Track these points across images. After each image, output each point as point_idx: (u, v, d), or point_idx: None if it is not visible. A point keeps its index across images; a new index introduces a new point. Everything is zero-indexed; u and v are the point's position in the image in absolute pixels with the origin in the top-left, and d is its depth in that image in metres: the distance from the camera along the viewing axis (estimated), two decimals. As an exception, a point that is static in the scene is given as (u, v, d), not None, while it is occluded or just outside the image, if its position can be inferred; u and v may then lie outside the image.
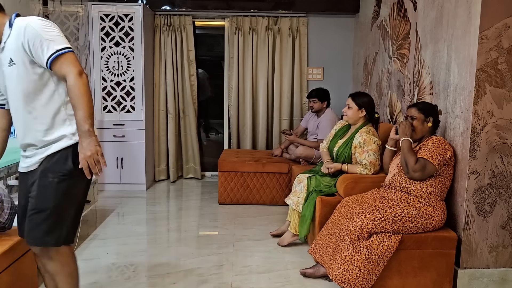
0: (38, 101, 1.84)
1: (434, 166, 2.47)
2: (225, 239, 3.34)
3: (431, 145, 2.51)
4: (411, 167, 2.49)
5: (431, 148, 2.49)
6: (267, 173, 4.18)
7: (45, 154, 1.84)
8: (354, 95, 3.14)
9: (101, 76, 4.53)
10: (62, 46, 1.78)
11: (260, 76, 5.04)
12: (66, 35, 3.98)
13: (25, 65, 1.80)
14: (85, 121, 1.77)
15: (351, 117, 3.10)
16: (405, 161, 2.54)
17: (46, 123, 1.84)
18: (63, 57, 1.77)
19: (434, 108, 2.69)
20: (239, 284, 2.63)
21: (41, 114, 1.84)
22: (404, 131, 2.61)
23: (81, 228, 3.34)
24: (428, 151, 2.49)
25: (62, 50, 1.77)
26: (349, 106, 3.11)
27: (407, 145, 2.56)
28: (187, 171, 5.24)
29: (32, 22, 1.78)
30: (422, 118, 2.63)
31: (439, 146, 2.50)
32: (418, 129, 2.63)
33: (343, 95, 4.71)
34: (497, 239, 2.57)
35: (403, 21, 3.54)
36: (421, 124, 2.63)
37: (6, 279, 2.07)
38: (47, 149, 1.85)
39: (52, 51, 1.75)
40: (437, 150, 2.48)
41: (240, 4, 4.86)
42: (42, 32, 1.76)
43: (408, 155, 2.53)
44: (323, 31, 5.08)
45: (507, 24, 2.40)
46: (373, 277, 2.41)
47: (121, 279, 2.67)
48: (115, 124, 4.59)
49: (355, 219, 2.47)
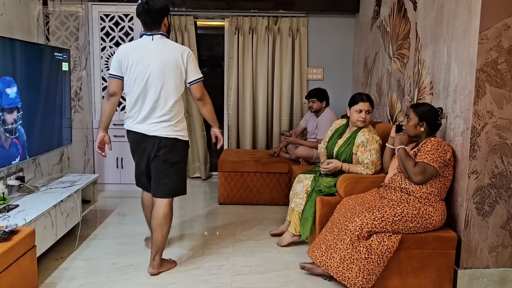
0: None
1: (435, 168, 2.47)
2: (225, 239, 3.34)
3: (430, 147, 2.51)
4: (411, 171, 2.49)
5: (431, 150, 2.49)
6: (267, 173, 4.18)
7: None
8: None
9: (101, 76, 4.53)
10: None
11: (260, 76, 5.04)
12: (66, 35, 4.00)
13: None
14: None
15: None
16: (404, 167, 2.54)
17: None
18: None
19: (432, 113, 2.65)
20: (239, 284, 2.63)
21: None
22: (400, 140, 2.65)
23: (81, 228, 3.34)
24: (428, 153, 2.49)
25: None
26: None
27: (403, 152, 2.57)
28: (193, 171, 5.26)
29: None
30: (416, 122, 2.63)
31: (439, 148, 2.49)
32: (410, 130, 2.65)
33: (343, 95, 4.72)
34: (497, 239, 2.57)
35: (403, 21, 3.54)
36: (414, 127, 2.64)
37: (6, 279, 2.07)
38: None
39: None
40: (436, 153, 2.48)
41: (240, 4, 4.86)
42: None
43: (405, 161, 2.53)
44: (323, 31, 5.08)
45: (507, 24, 2.40)
46: (373, 277, 2.41)
47: (121, 279, 2.67)
48: (115, 124, 4.56)
49: (355, 218, 2.47)
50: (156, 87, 2.57)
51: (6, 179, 2.95)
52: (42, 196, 3.00)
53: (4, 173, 2.92)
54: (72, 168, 4.06)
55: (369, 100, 3.08)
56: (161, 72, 2.56)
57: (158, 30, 2.62)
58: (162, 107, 2.59)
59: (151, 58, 2.56)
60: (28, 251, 2.29)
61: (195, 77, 2.65)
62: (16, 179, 3.04)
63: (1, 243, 2.12)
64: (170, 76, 2.58)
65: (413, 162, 2.51)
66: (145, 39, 2.62)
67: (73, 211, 3.17)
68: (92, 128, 4.54)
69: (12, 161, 2.84)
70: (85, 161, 4.40)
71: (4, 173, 2.92)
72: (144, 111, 2.60)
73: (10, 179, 2.99)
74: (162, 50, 2.58)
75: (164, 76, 2.57)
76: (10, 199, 2.87)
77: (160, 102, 2.58)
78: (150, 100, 2.58)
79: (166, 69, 2.57)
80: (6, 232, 2.18)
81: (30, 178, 3.28)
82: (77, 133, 4.16)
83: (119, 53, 2.64)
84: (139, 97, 2.60)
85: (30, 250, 2.31)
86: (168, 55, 2.57)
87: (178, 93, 2.63)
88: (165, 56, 2.57)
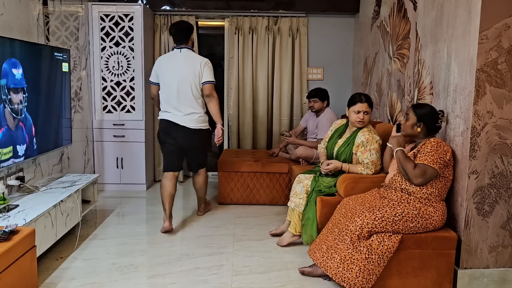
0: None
1: (435, 170, 2.46)
2: (225, 239, 3.34)
3: (430, 149, 2.50)
4: (410, 173, 2.48)
5: (431, 152, 2.48)
6: (267, 173, 4.18)
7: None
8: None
9: (101, 76, 4.53)
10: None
11: (260, 76, 5.04)
12: (66, 35, 4.00)
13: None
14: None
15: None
16: (403, 169, 2.53)
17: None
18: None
19: (432, 114, 2.62)
20: (239, 284, 2.63)
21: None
22: (398, 142, 2.65)
23: (81, 228, 3.34)
24: (428, 155, 2.48)
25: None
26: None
27: (401, 154, 2.57)
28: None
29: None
30: (414, 122, 2.62)
31: (438, 149, 2.49)
32: (407, 130, 2.65)
33: (343, 95, 4.72)
34: (497, 239, 2.57)
35: (403, 21, 3.54)
36: (411, 127, 2.63)
37: (6, 279, 2.07)
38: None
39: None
40: (436, 154, 2.47)
41: (240, 4, 4.86)
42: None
43: (404, 162, 2.52)
44: (323, 31, 5.08)
45: (507, 24, 2.40)
46: (373, 277, 2.41)
47: (121, 279, 2.67)
48: (115, 124, 4.59)
49: (355, 218, 2.47)
50: (184, 89, 3.37)
51: (6, 179, 2.95)
52: (42, 196, 3.00)
53: (4, 173, 2.92)
54: (72, 168, 4.06)
55: (367, 100, 3.07)
56: (187, 77, 3.36)
57: (186, 44, 3.45)
58: (188, 105, 3.39)
59: (180, 66, 3.39)
60: (28, 251, 2.29)
61: (207, 79, 3.41)
62: (16, 179, 3.04)
63: (1, 243, 2.12)
64: (192, 80, 3.37)
65: (413, 164, 2.50)
66: (175, 51, 3.46)
67: (73, 211, 3.17)
68: (92, 128, 4.54)
69: (18, 145, 2.86)
70: (85, 161, 4.40)
71: (4, 173, 2.92)
72: (176, 106, 3.39)
73: (10, 179, 2.99)
74: (187, 60, 3.41)
75: (189, 80, 3.37)
76: (10, 199, 2.87)
77: (186, 100, 3.38)
78: (180, 97, 3.38)
79: (189, 75, 3.37)
80: (6, 232, 2.18)
81: (30, 178, 3.28)
82: (77, 133, 4.16)
83: (156, 64, 3.51)
84: (171, 94, 3.39)
85: (30, 250, 2.31)
86: (191, 64, 3.39)
87: (199, 93, 3.43)
88: (189, 65, 3.39)
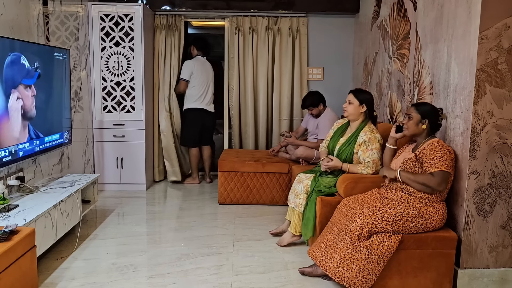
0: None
1: (450, 173, 2.48)
2: (225, 239, 3.34)
3: (440, 154, 2.45)
4: (433, 183, 2.43)
5: (443, 156, 2.45)
6: (267, 173, 4.18)
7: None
8: (356, 91, 3.16)
9: (101, 76, 4.53)
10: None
11: (260, 76, 5.04)
12: (66, 35, 4.00)
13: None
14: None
15: (352, 113, 3.11)
16: (421, 184, 2.48)
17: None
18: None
19: (434, 111, 2.63)
20: (239, 284, 2.63)
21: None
22: (389, 172, 2.65)
23: (81, 228, 3.34)
24: (441, 160, 2.44)
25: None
26: (350, 101, 3.11)
27: (407, 173, 2.54)
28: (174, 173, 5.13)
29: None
30: (418, 119, 2.61)
31: (446, 152, 2.48)
32: (411, 129, 2.63)
33: (343, 95, 4.69)
34: (497, 239, 2.57)
35: (403, 21, 3.54)
36: (415, 125, 2.62)
37: (6, 279, 2.07)
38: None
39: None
40: (446, 156, 2.46)
41: (240, 4, 4.86)
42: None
43: (417, 178, 2.48)
44: (323, 31, 5.08)
45: (507, 24, 2.40)
46: (373, 277, 2.41)
47: (121, 279, 2.67)
48: (115, 124, 4.59)
49: (355, 218, 2.47)
50: (210, 85, 4.89)
51: (6, 179, 2.95)
52: (42, 196, 3.00)
53: (4, 173, 2.92)
54: (72, 168, 4.06)
55: (354, 92, 3.13)
56: (212, 77, 4.91)
57: (204, 53, 4.93)
58: (210, 96, 4.90)
59: (207, 69, 4.85)
60: (28, 251, 2.29)
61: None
62: (16, 179, 3.04)
63: (1, 243, 2.12)
64: (213, 80, 4.92)
65: (423, 175, 2.47)
66: (200, 58, 4.86)
67: (73, 211, 3.17)
68: (92, 128, 4.54)
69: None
70: (85, 161, 4.40)
71: (4, 173, 2.92)
72: (206, 98, 4.85)
73: (10, 179, 2.99)
74: (209, 65, 4.90)
75: (212, 79, 4.91)
76: (10, 199, 2.88)
77: (210, 92, 4.89)
78: (207, 92, 4.86)
79: (211, 75, 4.88)
80: (6, 232, 2.18)
81: (30, 178, 3.28)
82: (77, 133, 4.16)
83: (191, 66, 4.76)
84: (203, 90, 4.81)
85: (30, 250, 2.31)
86: (211, 68, 4.92)
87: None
88: (210, 68, 4.92)
